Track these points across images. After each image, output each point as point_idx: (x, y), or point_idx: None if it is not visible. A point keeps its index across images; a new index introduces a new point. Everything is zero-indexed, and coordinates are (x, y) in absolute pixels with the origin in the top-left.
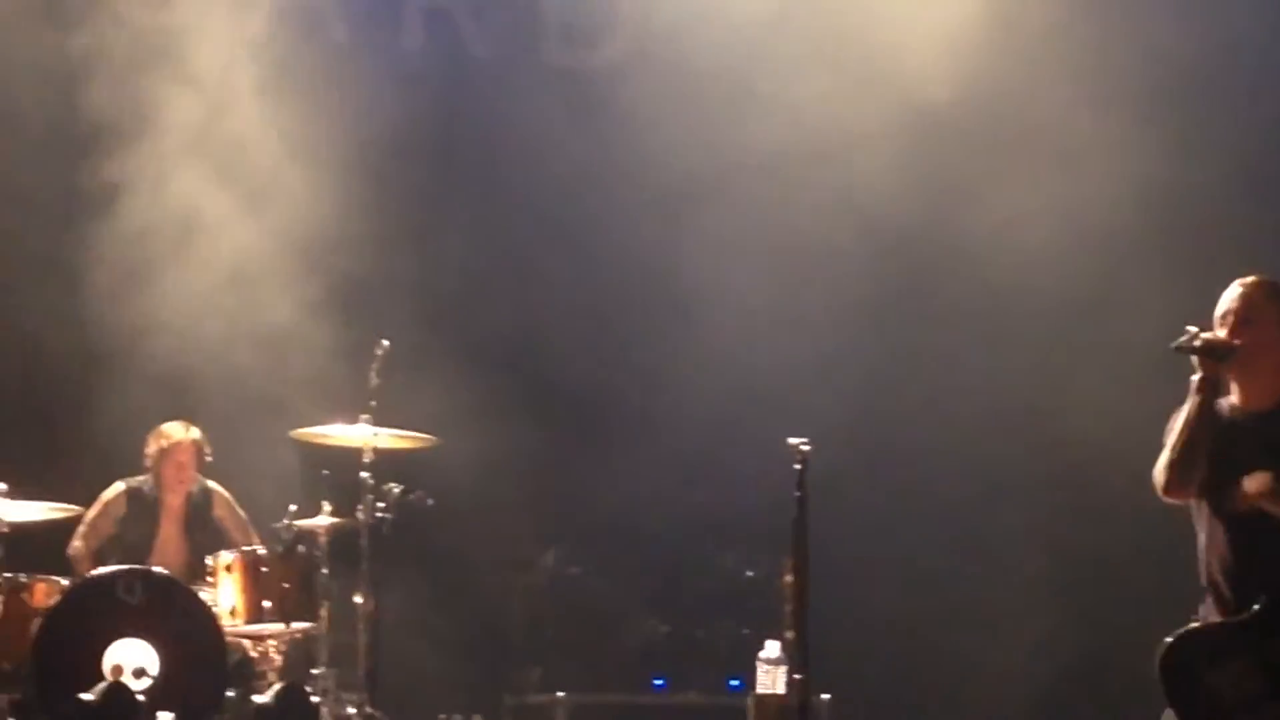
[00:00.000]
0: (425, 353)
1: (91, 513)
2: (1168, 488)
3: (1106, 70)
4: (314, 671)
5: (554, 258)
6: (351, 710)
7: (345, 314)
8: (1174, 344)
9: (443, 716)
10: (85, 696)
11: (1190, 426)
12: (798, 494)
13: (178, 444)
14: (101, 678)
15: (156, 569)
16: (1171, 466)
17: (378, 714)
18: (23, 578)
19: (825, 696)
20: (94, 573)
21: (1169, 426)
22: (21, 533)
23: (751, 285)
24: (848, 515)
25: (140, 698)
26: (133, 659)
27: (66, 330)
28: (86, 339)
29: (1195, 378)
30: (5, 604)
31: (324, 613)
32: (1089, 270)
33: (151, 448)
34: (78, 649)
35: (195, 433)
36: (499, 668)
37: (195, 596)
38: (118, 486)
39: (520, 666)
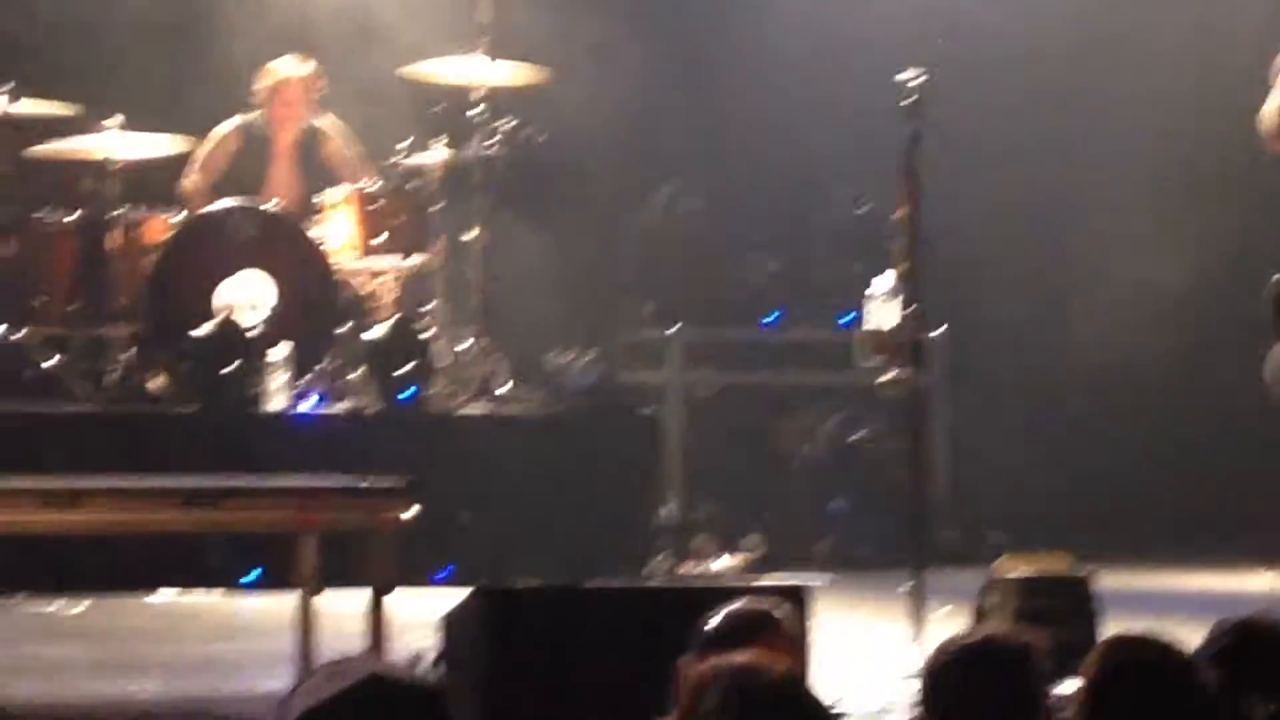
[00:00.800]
0: None
1: (204, 149)
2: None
3: None
4: (426, 307)
5: None
6: (465, 344)
7: None
8: None
9: (556, 350)
10: (198, 331)
11: None
12: (910, 127)
13: (286, 80)
14: (213, 314)
15: (268, 205)
16: None
17: (491, 348)
18: (138, 213)
19: (941, 330)
20: (206, 209)
21: (1273, 67)
22: (138, 167)
23: None
24: (964, 152)
25: (252, 333)
26: (245, 295)
27: None
28: None
29: None
30: (122, 239)
31: (437, 248)
32: None
33: (261, 83)
34: (191, 285)
35: (307, 67)
36: (613, 303)
37: (305, 233)
38: (231, 122)
39: (634, 302)
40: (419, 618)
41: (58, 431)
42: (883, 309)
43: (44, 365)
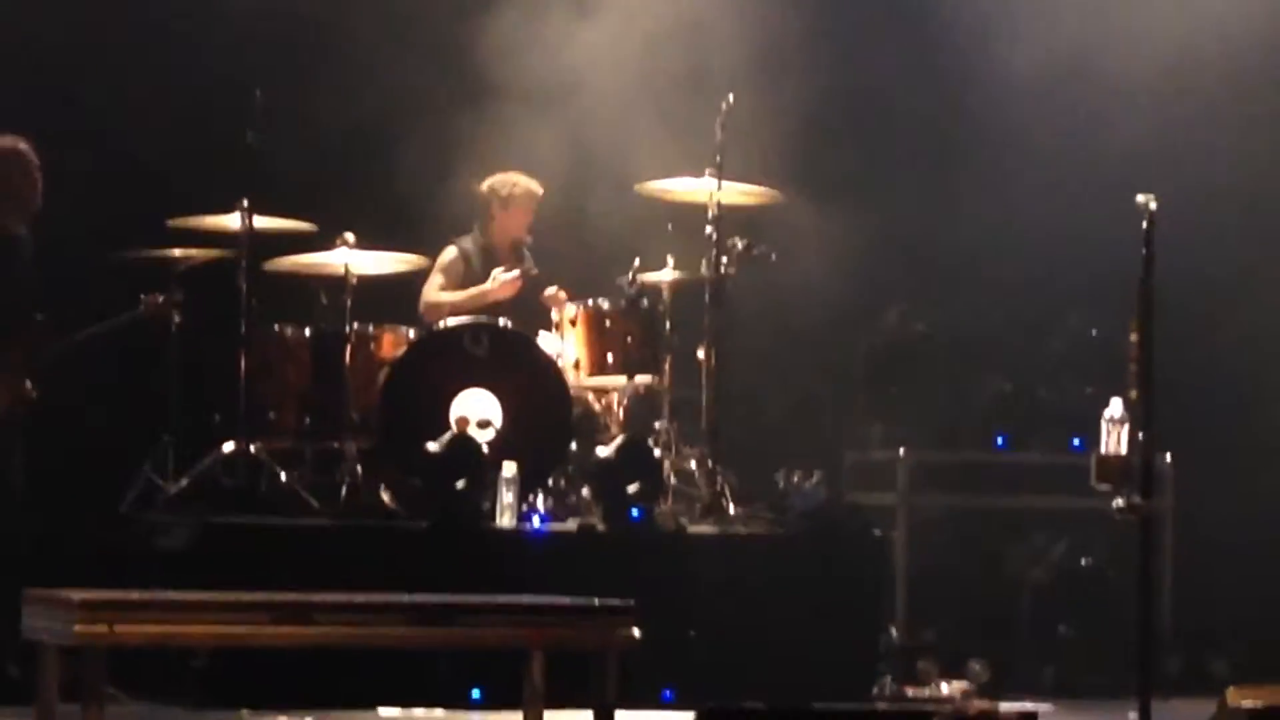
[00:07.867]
0: (768, 108)
1: (436, 283)
2: None
3: None
4: (656, 425)
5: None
6: (693, 464)
7: (689, 70)
8: None
9: (783, 471)
10: (431, 446)
11: None
12: (1145, 252)
13: (529, 196)
14: (447, 428)
15: (503, 322)
16: None
17: (719, 467)
18: (371, 328)
19: (1168, 456)
20: (440, 325)
21: None
22: (368, 284)
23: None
24: (1196, 276)
25: (484, 449)
26: (477, 410)
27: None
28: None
29: None
30: (353, 353)
31: (666, 366)
32: None
33: (497, 194)
34: (424, 400)
35: (535, 185)
36: (840, 424)
37: (540, 349)
38: (450, 252)
39: (861, 422)
40: None
41: (290, 545)
42: (1116, 433)
43: (277, 479)
